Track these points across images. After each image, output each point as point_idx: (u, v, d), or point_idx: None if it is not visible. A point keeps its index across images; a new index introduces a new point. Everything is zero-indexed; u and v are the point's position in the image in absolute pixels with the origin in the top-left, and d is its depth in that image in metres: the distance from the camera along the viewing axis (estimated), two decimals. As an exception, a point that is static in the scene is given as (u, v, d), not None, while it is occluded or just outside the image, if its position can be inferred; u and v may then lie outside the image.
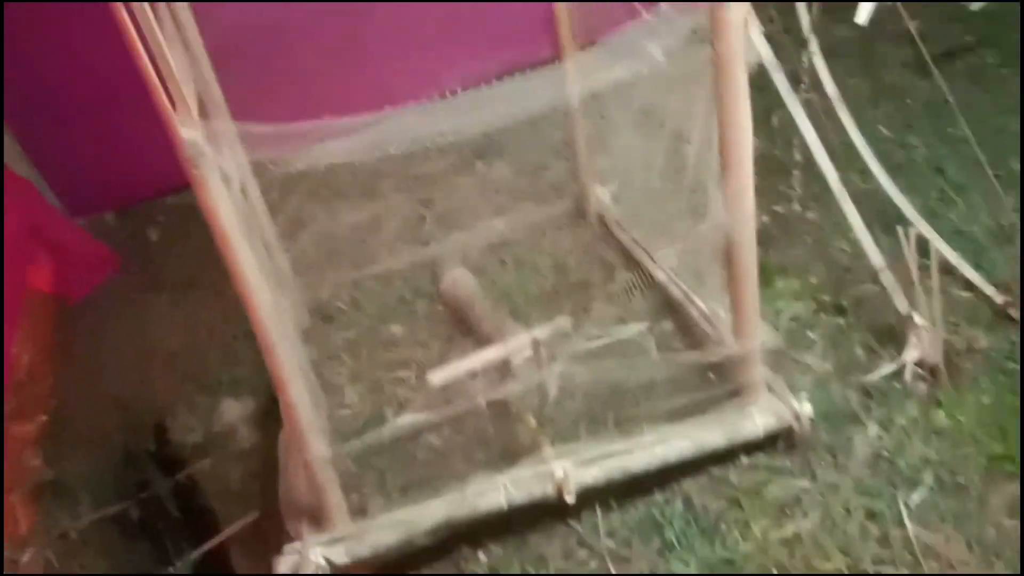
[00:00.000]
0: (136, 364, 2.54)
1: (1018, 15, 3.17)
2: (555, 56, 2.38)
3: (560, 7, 2.24)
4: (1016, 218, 2.40)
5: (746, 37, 1.37)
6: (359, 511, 1.92)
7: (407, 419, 1.83)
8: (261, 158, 1.43)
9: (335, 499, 1.64)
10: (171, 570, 1.93)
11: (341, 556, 1.74)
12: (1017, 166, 2.58)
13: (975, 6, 2.70)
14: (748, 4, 1.39)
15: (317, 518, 1.75)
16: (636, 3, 1.97)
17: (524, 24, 3.21)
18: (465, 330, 2.38)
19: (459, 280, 2.47)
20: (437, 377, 1.90)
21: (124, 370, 2.53)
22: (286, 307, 2.09)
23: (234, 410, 2.34)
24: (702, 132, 1.68)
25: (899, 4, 2.37)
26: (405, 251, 2.69)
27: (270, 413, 2.33)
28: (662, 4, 1.52)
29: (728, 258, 1.72)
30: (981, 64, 3.07)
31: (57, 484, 2.22)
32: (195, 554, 1.97)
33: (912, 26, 2.37)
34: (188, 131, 1.14)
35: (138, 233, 3.09)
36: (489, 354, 1.95)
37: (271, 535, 1.87)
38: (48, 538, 2.14)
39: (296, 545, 1.76)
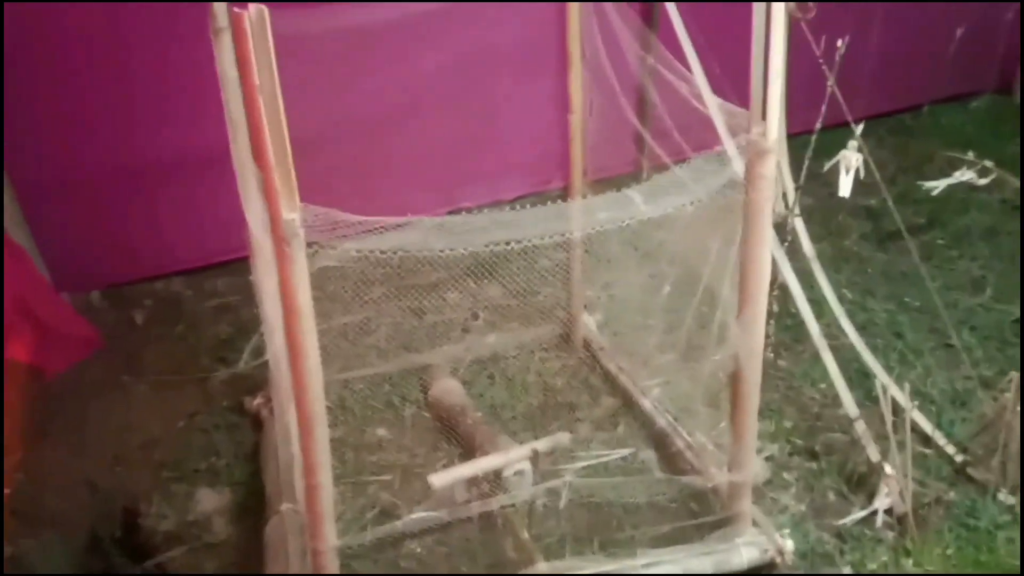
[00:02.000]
0: (111, 447, 2.48)
1: (961, 203, 3.54)
2: (565, 188, 2.56)
3: (576, 146, 2.42)
4: (971, 384, 2.59)
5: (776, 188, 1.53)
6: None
7: (420, 515, 1.83)
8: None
9: (337, 593, 1.62)
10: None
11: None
12: (968, 337, 2.81)
13: (934, 191, 3.03)
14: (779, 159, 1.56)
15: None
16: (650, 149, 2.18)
17: (540, 155, 3.44)
18: (452, 439, 2.40)
19: (449, 390, 2.51)
20: (439, 480, 1.92)
21: (98, 452, 2.46)
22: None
23: (210, 500, 2.29)
24: (717, 268, 1.82)
25: (860, 182, 2.63)
26: (395, 357, 2.74)
27: (247, 505, 2.30)
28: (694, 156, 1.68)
29: (734, 389, 1.82)
30: (931, 243, 3.39)
31: (16, 561, 2.11)
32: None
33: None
34: (289, 212, 1.22)
35: (123, 315, 3.07)
36: (489, 462, 1.99)
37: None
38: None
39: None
